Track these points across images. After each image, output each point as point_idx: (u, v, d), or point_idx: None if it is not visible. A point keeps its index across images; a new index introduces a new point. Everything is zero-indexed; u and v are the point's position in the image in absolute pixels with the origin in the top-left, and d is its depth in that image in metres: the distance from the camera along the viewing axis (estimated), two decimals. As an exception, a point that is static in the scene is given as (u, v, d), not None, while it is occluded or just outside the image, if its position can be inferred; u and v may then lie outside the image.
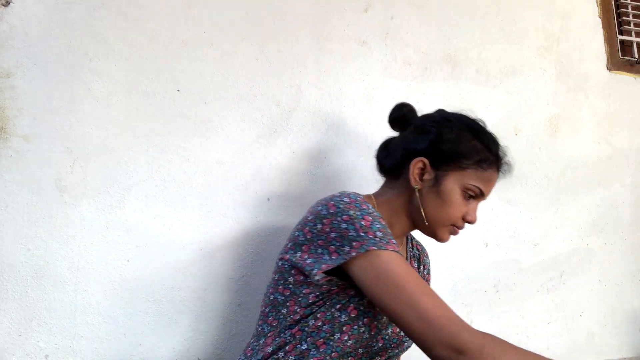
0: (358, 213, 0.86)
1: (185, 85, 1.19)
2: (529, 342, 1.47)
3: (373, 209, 0.89)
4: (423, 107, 1.04)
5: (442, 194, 0.93)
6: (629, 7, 1.75)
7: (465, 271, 1.43)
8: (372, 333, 0.89)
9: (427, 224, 0.95)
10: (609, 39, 1.69)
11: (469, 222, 0.96)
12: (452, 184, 0.93)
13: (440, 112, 1.01)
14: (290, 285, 0.90)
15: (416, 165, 0.95)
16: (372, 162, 1.08)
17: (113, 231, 1.12)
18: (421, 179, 0.95)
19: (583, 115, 1.63)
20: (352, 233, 0.84)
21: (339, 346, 0.86)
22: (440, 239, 0.97)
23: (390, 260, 0.82)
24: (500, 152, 0.97)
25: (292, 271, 0.90)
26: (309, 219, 0.90)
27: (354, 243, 0.83)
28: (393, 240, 0.85)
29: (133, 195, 1.14)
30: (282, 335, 0.89)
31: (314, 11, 1.33)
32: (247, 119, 1.24)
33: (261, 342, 0.91)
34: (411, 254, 1.07)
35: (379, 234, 0.84)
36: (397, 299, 0.80)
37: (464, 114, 0.99)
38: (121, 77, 1.15)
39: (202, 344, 1.17)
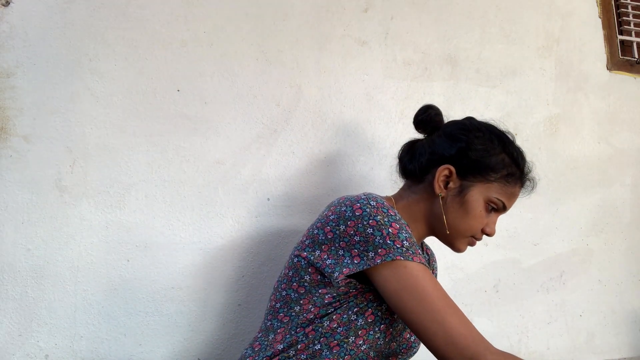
0: (386, 220, 0.84)
1: (185, 85, 1.19)
2: (529, 342, 1.47)
3: (400, 216, 0.88)
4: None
5: (466, 204, 0.92)
6: (629, 7, 1.75)
7: (465, 271, 1.43)
8: (387, 339, 0.88)
9: (447, 232, 0.94)
10: (609, 39, 1.69)
11: (487, 235, 0.95)
12: (477, 195, 0.92)
13: (471, 120, 0.99)
14: (306, 284, 0.89)
15: (442, 172, 0.93)
16: (373, 163, 1.08)
17: (113, 231, 1.12)
18: (446, 187, 0.94)
19: (583, 115, 1.63)
20: (378, 240, 0.82)
21: (352, 349, 0.85)
22: (457, 249, 0.97)
23: (416, 273, 0.82)
24: (526, 168, 0.97)
25: (309, 269, 0.89)
26: (331, 218, 0.88)
27: (379, 250, 0.81)
28: (419, 251, 0.84)
29: (133, 195, 1.14)
30: (293, 333, 0.87)
31: (314, 11, 1.33)
32: (247, 119, 1.24)
33: (270, 337, 0.90)
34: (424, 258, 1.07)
35: (406, 243, 0.83)
36: (423, 313, 0.80)
37: (493, 124, 0.98)
38: (121, 77, 1.15)
39: (202, 344, 1.17)
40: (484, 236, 0.97)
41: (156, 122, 1.16)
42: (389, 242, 0.82)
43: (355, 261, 0.83)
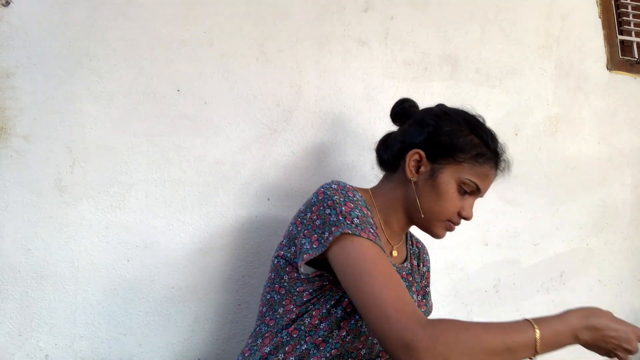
0: (342, 199, 0.86)
1: (185, 85, 1.19)
2: None
3: (360, 198, 0.89)
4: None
5: (438, 187, 0.92)
6: (629, 7, 1.75)
7: (465, 271, 1.43)
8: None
9: (423, 216, 0.94)
10: (609, 39, 1.69)
11: (464, 218, 0.95)
12: (448, 177, 0.92)
13: (440, 107, 1.01)
14: (285, 284, 0.90)
15: (412, 157, 0.95)
16: (373, 162, 1.08)
17: (113, 231, 1.12)
18: (417, 172, 0.95)
19: (583, 115, 1.63)
20: (332, 218, 0.84)
21: (338, 342, 0.86)
22: (435, 234, 0.96)
23: (361, 247, 0.81)
24: (498, 149, 0.97)
25: (287, 268, 0.90)
26: (301, 209, 0.90)
27: (332, 228, 0.82)
28: (371, 230, 0.83)
29: (133, 195, 1.14)
30: (279, 335, 0.88)
31: (314, 11, 1.33)
32: (247, 119, 1.24)
33: (259, 342, 0.91)
34: (411, 251, 1.07)
35: (356, 220, 0.83)
36: (361, 287, 0.78)
37: (463, 109, 0.99)
38: (121, 77, 1.15)
39: (202, 344, 1.17)
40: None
41: (156, 122, 1.16)
42: (340, 218, 0.83)
43: (314, 246, 0.84)
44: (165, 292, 1.14)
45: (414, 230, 1.12)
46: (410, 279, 1.01)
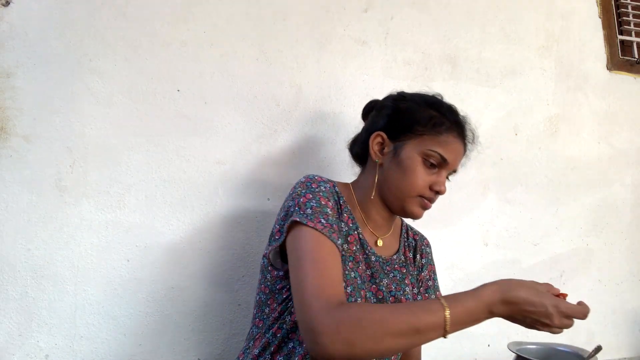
0: (303, 191, 0.88)
1: (185, 85, 1.19)
2: (529, 342, 1.47)
3: (324, 190, 0.89)
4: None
5: (402, 163, 0.92)
6: (629, 7, 1.75)
7: (465, 271, 1.43)
8: None
9: (394, 196, 0.94)
10: (609, 39, 1.69)
11: (437, 193, 0.94)
12: (411, 152, 0.92)
13: (400, 92, 1.02)
14: (269, 283, 0.91)
15: (375, 140, 0.96)
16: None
17: (113, 231, 1.12)
18: (382, 154, 0.95)
19: (583, 115, 1.63)
20: (291, 209, 0.86)
21: None
22: (411, 212, 0.94)
23: (304, 235, 0.82)
24: (459, 119, 0.96)
25: (269, 267, 0.92)
26: (280, 208, 0.92)
27: (290, 218, 0.85)
28: (322, 219, 0.84)
29: (133, 195, 1.14)
30: (266, 335, 0.89)
31: (314, 11, 1.33)
32: (247, 119, 1.24)
33: (250, 344, 0.92)
34: (406, 243, 1.06)
35: (309, 210, 0.84)
36: (294, 273, 0.80)
37: (422, 92, 1.00)
38: (121, 77, 1.15)
39: (202, 344, 1.17)
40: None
41: (156, 122, 1.16)
42: (297, 208, 0.85)
43: (277, 237, 0.87)
44: (165, 292, 1.14)
45: (417, 226, 1.12)
46: (404, 271, 1.00)
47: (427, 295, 1.07)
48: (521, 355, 0.78)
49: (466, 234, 1.44)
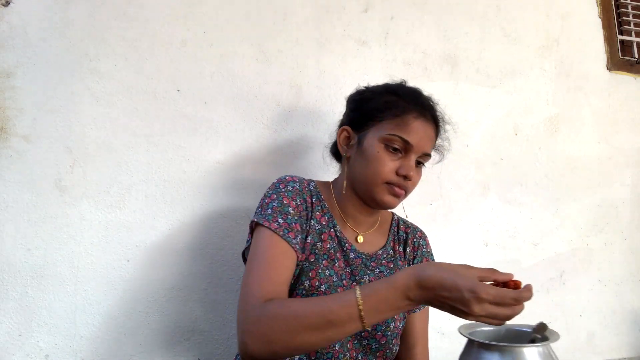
0: (270, 192, 0.91)
1: (185, 85, 1.19)
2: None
3: (291, 189, 0.91)
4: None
5: (366, 151, 0.92)
6: (629, 7, 1.75)
7: (465, 271, 1.43)
8: None
9: (363, 187, 0.92)
10: (609, 39, 1.69)
11: (405, 178, 0.90)
12: (372, 139, 0.91)
13: (366, 87, 1.02)
14: None
15: (341, 135, 0.97)
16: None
17: (113, 231, 1.12)
18: (348, 147, 0.96)
19: (583, 115, 1.63)
20: (256, 210, 0.90)
21: None
22: (382, 202, 0.91)
23: (260, 235, 0.85)
24: (420, 100, 0.94)
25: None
26: None
27: (251, 219, 0.89)
28: (280, 219, 0.85)
29: (133, 195, 1.13)
30: None
31: (314, 11, 1.33)
32: (247, 119, 1.24)
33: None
34: (396, 237, 1.05)
35: (269, 210, 0.87)
36: (244, 272, 0.83)
37: (389, 82, 1.00)
38: (121, 77, 1.15)
39: (202, 344, 1.17)
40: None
41: (156, 122, 1.16)
42: (259, 209, 0.89)
43: (248, 238, 0.90)
44: (165, 292, 1.14)
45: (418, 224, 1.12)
46: (392, 266, 1.00)
47: None
48: (472, 338, 0.71)
49: (466, 234, 1.44)
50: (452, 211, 1.43)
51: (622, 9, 1.74)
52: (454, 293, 0.66)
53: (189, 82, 1.20)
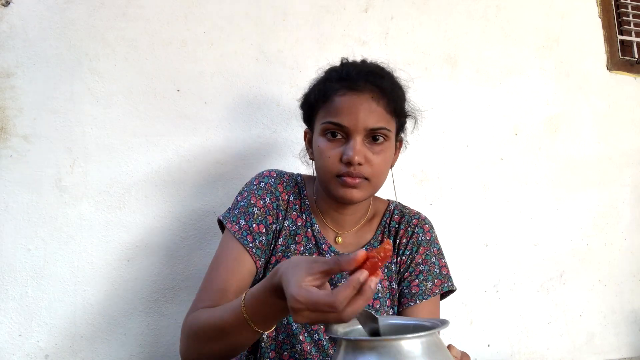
0: (244, 188, 0.91)
1: (185, 85, 1.19)
2: (529, 342, 1.47)
3: (263, 187, 0.90)
4: (423, 107, 1.04)
5: (314, 147, 0.88)
6: (629, 7, 1.75)
7: (465, 271, 1.43)
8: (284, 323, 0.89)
9: (322, 186, 0.89)
10: (609, 39, 1.69)
11: (348, 162, 0.81)
12: (315, 134, 0.89)
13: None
14: None
15: (305, 138, 0.97)
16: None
17: (113, 231, 1.12)
18: (312, 147, 0.92)
19: (583, 115, 1.63)
20: (228, 208, 0.90)
21: (272, 344, 0.88)
22: (339, 197, 0.85)
23: (223, 236, 0.87)
24: (347, 70, 0.86)
25: None
26: None
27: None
28: (242, 220, 0.86)
29: (133, 195, 1.13)
30: None
31: (314, 11, 1.33)
32: (247, 119, 1.24)
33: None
34: (387, 229, 0.98)
35: (236, 210, 0.88)
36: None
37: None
38: (121, 77, 1.15)
39: (202, 344, 1.17)
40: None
41: (156, 122, 1.16)
42: (229, 207, 0.89)
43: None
44: (165, 292, 1.14)
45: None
46: None
47: (418, 285, 0.95)
48: (342, 337, 0.56)
49: (466, 234, 1.44)
50: (452, 211, 1.43)
51: (622, 9, 1.74)
52: (287, 296, 0.56)
53: (189, 82, 1.20)
